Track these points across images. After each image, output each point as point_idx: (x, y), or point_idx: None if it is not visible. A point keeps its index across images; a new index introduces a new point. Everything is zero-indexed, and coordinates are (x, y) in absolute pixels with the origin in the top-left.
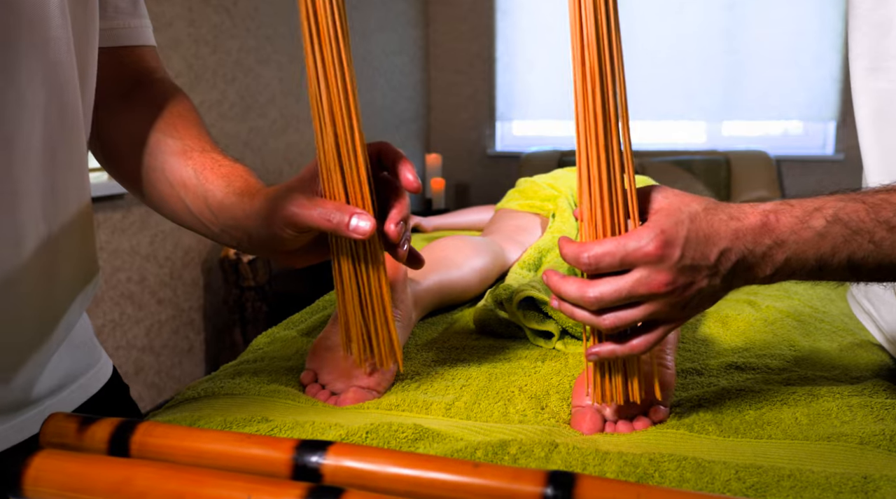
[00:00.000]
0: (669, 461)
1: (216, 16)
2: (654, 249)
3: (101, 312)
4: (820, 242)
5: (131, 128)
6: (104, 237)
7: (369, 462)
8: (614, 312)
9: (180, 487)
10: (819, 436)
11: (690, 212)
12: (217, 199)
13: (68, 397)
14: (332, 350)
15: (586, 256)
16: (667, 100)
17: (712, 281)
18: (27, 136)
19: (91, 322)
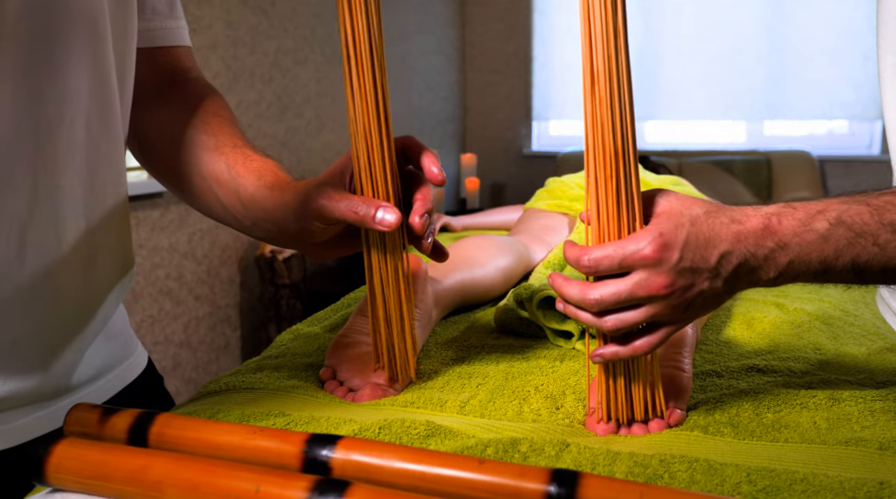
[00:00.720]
0: (680, 463)
1: (253, 17)
2: (651, 252)
3: (140, 308)
4: (823, 244)
5: (167, 125)
6: (143, 235)
7: (377, 457)
8: (616, 314)
9: (193, 477)
10: (837, 440)
11: (692, 215)
12: (248, 192)
13: (104, 385)
14: (351, 347)
15: (586, 259)
16: (706, 99)
17: (713, 284)
18: (70, 132)
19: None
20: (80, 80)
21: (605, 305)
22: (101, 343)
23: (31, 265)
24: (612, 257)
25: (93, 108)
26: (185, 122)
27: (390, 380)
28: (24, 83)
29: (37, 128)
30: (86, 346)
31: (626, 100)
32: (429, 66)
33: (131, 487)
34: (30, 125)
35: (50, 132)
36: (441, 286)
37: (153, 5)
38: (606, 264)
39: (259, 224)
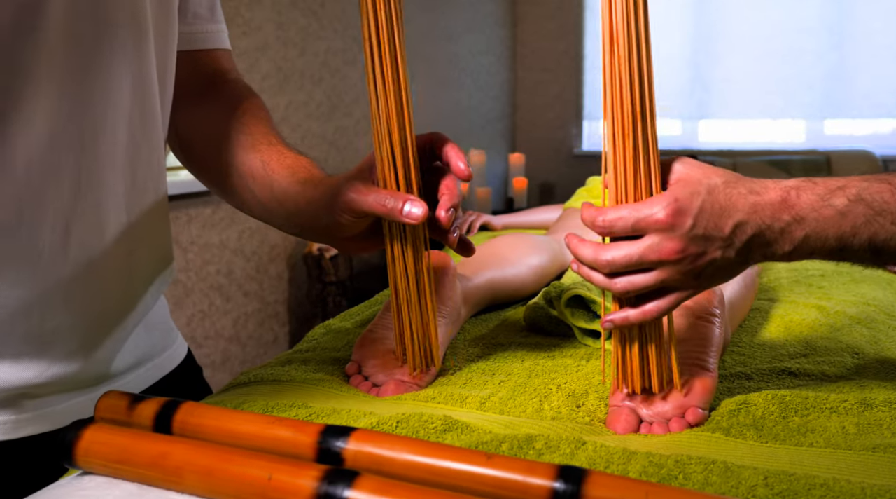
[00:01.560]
0: (696, 464)
1: (303, 19)
2: (665, 217)
3: (192, 303)
4: (841, 221)
5: (206, 124)
6: (195, 231)
7: (388, 449)
8: (626, 276)
9: (210, 463)
10: (864, 446)
11: (710, 184)
12: (282, 188)
13: (144, 374)
14: (377, 343)
15: (601, 220)
16: (762, 97)
17: (726, 253)
18: (112, 132)
19: (181, 312)
20: (123, 81)
21: (617, 266)
22: (141, 333)
23: (75, 257)
24: (626, 219)
25: (134, 108)
26: (223, 122)
27: (413, 370)
28: (70, 84)
29: (81, 126)
30: (125, 336)
31: (644, 60)
32: (478, 66)
33: (153, 471)
34: (75, 124)
35: (94, 131)
36: (471, 284)
37: (195, 10)
38: (620, 226)
39: (292, 219)
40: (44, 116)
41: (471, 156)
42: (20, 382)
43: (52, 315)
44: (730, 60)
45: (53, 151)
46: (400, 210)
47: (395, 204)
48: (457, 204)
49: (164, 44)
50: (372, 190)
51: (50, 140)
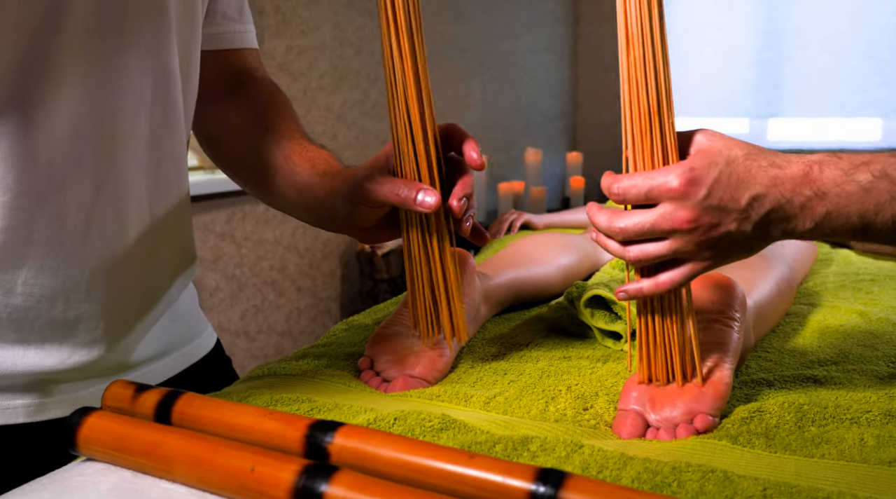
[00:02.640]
0: (694, 472)
1: (360, 18)
2: (678, 186)
3: (245, 298)
4: (864, 197)
5: (232, 121)
6: (249, 228)
7: (372, 446)
8: (640, 245)
9: (198, 454)
10: (879, 460)
11: (729, 155)
12: (303, 179)
13: (169, 363)
14: (390, 339)
15: (616, 187)
16: (835, 94)
17: (742, 226)
18: (134, 125)
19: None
20: (144, 78)
21: (629, 234)
22: (167, 324)
23: (96, 248)
24: (640, 187)
25: (156, 103)
26: (249, 118)
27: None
28: (92, 81)
29: (103, 121)
30: (148, 326)
31: (660, 59)
32: (538, 65)
33: (146, 459)
34: (97, 119)
35: (116, 126)
36: (492, 283)
37: (223, 11)
38: (634, 193)
39: (313, 210)
40: (66, 112)
41: (527, 155)
42: (44, 367)
43: (76, 304)
44: (801, 56)
45: (75, 145)
46: (413, 199)
47: (408, 193)
48: (469, 193)
49: (187, 41)
50: (387, 180)
51: (72, 135)
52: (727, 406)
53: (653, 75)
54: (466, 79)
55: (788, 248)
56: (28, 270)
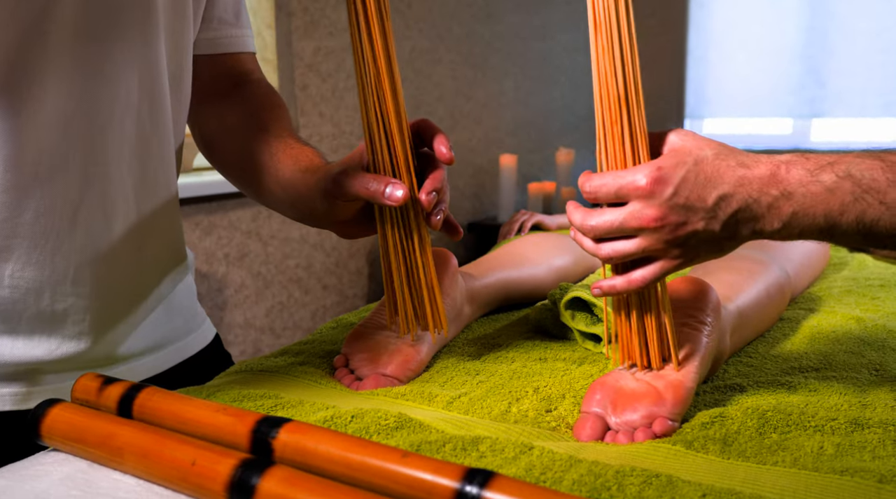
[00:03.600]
0: (636, 476)
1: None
2: (645, 184)
3: (271, 295)
4: (829, 198)
5: (227, 122)
6: (275, 226)
7: (311, 442)
8: (612, 242)
9: (147, 446)
10: (833, 469)
11: (699, 155)
12: (286, 176)
13: (164, 356)
14: (367, 337)
15: (588, 186)
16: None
17: (710, 225)
18: (120, 125)
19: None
20: (131, 78)
21: (599, 231)
22: (162, 318)
23: (82, 243)
24: (610, 186)
25: (143, 104)
26: (242, 119)
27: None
28: (78, 81)
29: (89, 121)
30: (139, 320)
31: (627, 48)
32: (574, 64)
33: (101, 450)
34: (83, 118)
35: (102, 124)
36: (478, 283)
37: (220, 16)
38: (604, 192)
39: (296, 206)
40: (53, 111)
41: (558, 155)
42: (32, 358)
43: (63, 297)
44: (847, 54)
45: (62, 143)
46: (382, 193)
47: (377, 187)
48: (439, 187)
49: (176, 43)
50: (358, 175)
51: (58, 133)
52: (691, 410)
53: (620, 66)
54: (499, 78)
55: (794, 252)
56: (15, 263)
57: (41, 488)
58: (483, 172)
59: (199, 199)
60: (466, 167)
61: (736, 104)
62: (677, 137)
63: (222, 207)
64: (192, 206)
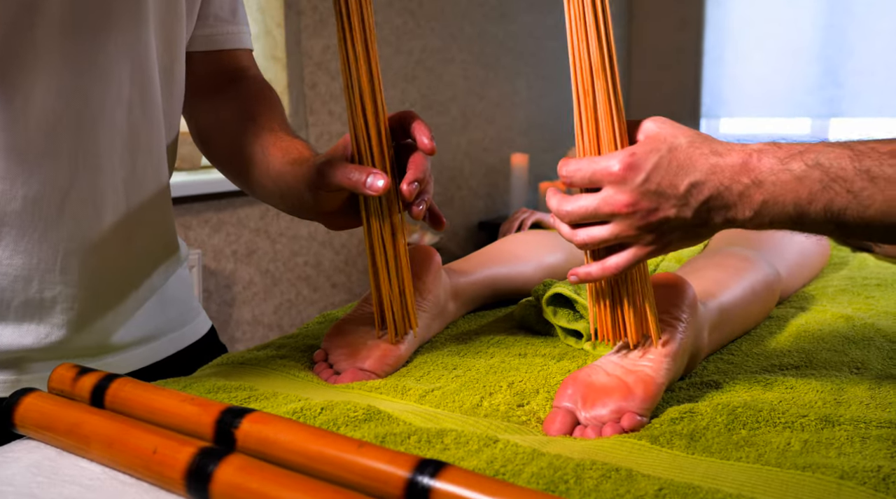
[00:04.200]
0: (595, 470)
1: (399, 18)
2: (618, 170)
3: (279, 292)
4: (798, 186)
5: (221, 117)
6: (284, 224)
7: (271, 432)
8: (587, 228)
9: (111, 435)
10: (795, 465)
11: (673, 142)
12: (275, 168)
13: (157, 347)
14: (347, 332)
15: (564, 170)
16: None
17: (681, 212)
18: (111, 117)
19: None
20: (121, 71)
21: (574, 217)
22: (154, 309)
23: (70, 232)
24: (585, 171)
25: (134, 97)
26: (236, 114)
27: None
28: (67, 73)
29: (79, 112)
30: (131, 310)
31: (601, 21)
32: None
33: (69, 438)
34: (72, 109)
35: (92, 116)
36: (464, 280)
37: (216, 13)
38: (579, 177)
39: (285, 198)
40: (41, 102)
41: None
42: (21, 346)
43: (51, 285)
44: (865, 53)
45: (51, 133)
46: (363, 182)
47: (359, 177)
48: (420, 178)
49: (168, 38)
50: (341, 165)
51: (47, 125)
52: (662, 406)
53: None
54: (512, 78)
55: (788, 251)
56: (3, 251)
57: (7, 474)
58: (495, 172)
59: (208, 196)
60: (478, 167)
61: (753, 104)
62: (653, 124)
63: (231, 205)
64: (201, 203)
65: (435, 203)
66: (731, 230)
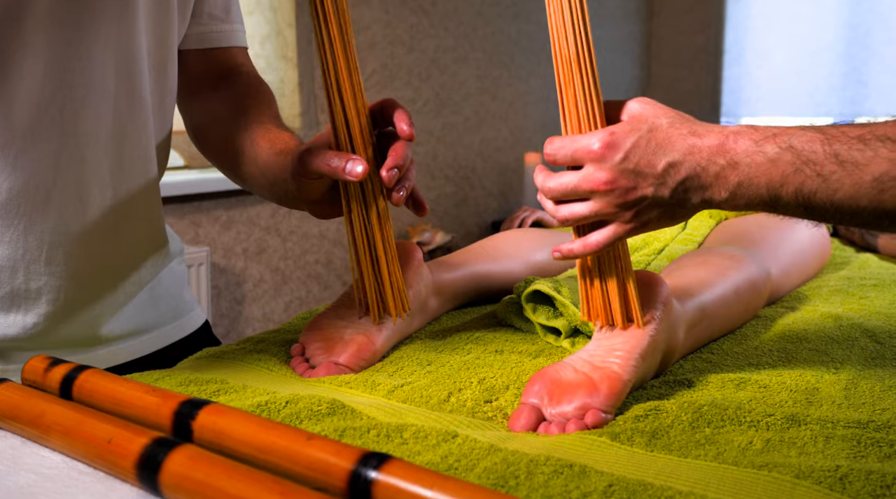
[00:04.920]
0: (547, 466)
1: (413, 17)
2: (598, 148)
3: (289, 290)
4: (771, 168)
5: (214, 112)
6: (294, 222)
7: (225, 423)
8: (568, 205)
9: (71, 426)
10: (752, 464)
11: (654, 122)
12: (263, 159)
13: (148, 340)
14: (324, 327)
15: (548, 148)
16: None
17: (658, 191)
18: (96, 111)
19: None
20: (106, 66)
21: (556, 193)
22: (145, 303)
23: (55, 223)
24: (566, 149)
25: (120, 92)
26: (228, 108)
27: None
28: (52, 64)
29: (62, 103)
30: (120, 303)
31: (577, 10)
32: (603, 62)
33: (31, 428)
34: (57, 101)
35: (75, 108)
36: (448, 276)
37: (209, 11)
38: (562, 155)
39: (273, 188)
40: (25, 94)
41: None
42: (6, 336)
43: (36, 275)
44: (889, 51)
45: (35, 127)
46: (343, 169)
47: (338, 163)
48: (400, 164)
49: (159, 34)
50: (321, 152)
51: (31, 118)
52: (629, 403)
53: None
54: (525, 77)
55: (783, 250)
56: None
57: None
58: (509, 171)
59: (218, 194)
60: (492, 166)
61: (774, 103)
62: (637, 104)
63: (241, 203)
64: (211, 201)
65: (418, 189)
66: (728, 229)
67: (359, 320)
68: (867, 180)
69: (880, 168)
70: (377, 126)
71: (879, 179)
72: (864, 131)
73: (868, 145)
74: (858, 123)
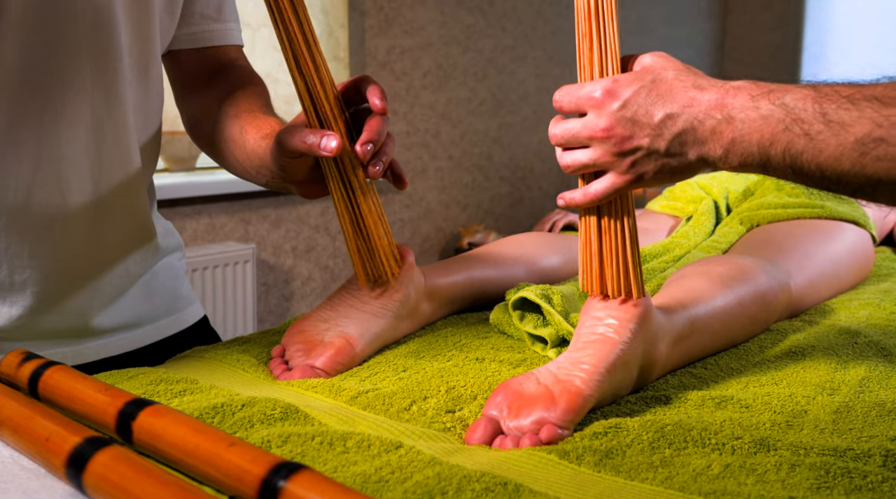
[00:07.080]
0: (481, 482)
1: (470, 17)
2: (599, 96)
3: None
4: (763, 126)
5: (207, 105)
6: None
7: (158, 425)
8: (571, 152)
9: (19, 421)
10: (701, 490)
11: (659, 74)
12: (251, 145)
13: (142, 333)
14: (305, 330)
15: (556, 96)
16: None
17: (655, 143)
18: (73, 110)
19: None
20: (82, 65)
21: (559, 139)
22: (139, 297)
23: (36, 218)
24: (571, 96)
25: (97, 91)
26: (220, 100)
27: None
28: (27, 66)
29: (41, 104)
30: (107, 296)
31: None
32: None
33: None
34: (34, 101)
35: (54, 109)
36: (442, 280)
37: (201, 11)
38: (567, 101)
39: (261, 171)
40: (3, 98)
41: None
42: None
43: (20, 269)
44: None
45: (13, 128)
46: (318, 145)
47: (314, 140)
48: (374, 139)
49: (142, 37)
50: (298, 131)
51: (8, 120)
52: (590, 419)
53: None
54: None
55: (812, 260)
56: None
57: None
58: None
59: (268, 193)
60: (550, 166)
61: None
62: (650, 57)
63: (290, 201)
64: (260, 199)
65: (398, 163)
66: (756, 236)
67: (341, 323)
68: (850, 142)
69: (863, 129)
70: (353, 104)
71: (861, 140)
72: (854, 90)
73: (856, 105)
74: (853, 82)
